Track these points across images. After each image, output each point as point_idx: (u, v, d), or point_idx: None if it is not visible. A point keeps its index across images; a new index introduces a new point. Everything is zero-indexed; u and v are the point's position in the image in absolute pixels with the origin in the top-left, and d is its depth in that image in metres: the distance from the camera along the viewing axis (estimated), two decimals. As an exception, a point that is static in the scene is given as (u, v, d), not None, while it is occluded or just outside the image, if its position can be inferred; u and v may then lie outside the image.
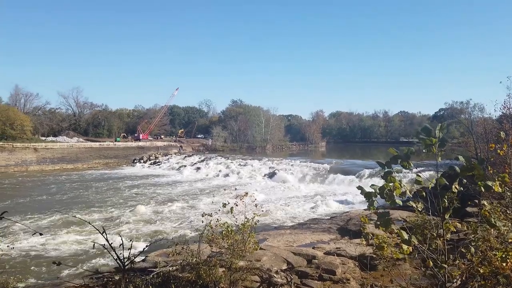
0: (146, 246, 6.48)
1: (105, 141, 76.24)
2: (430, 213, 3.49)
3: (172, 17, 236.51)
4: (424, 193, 2.96)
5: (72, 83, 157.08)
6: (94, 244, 5.20)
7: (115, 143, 74.84)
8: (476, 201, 13.13)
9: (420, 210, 3.13)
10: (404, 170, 2.95)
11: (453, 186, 2.72)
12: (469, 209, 13.87)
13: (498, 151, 5.01)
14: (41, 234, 4.11)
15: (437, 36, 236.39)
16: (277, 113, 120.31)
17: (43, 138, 72.46)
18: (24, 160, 53.84)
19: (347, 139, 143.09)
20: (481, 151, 18.72)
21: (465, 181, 2.99)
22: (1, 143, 55.17)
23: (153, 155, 68.35)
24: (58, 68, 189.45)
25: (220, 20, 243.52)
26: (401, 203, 2.72)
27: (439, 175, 3.06)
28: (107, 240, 3.28)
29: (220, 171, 48.29)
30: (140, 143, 78.47)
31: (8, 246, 5.62)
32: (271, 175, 43.23)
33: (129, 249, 5.58)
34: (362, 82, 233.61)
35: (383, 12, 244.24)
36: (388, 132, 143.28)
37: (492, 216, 3.02)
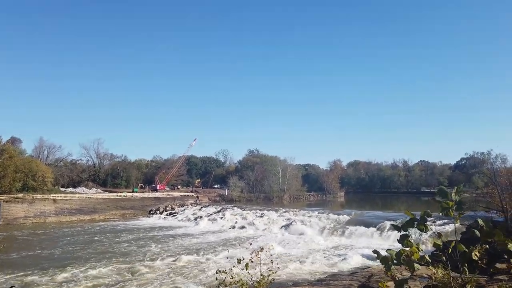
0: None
1: (122, 192, 76.86)
2: (453, 270, 3.29)
3: (189, 68, 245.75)
4: (444, 257, 2.79)
5: (94, 135, 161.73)
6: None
7: (132, 194, 75.25)
8: (506, 256, 12.41)
9: (441, 273, 2.93)
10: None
11: (473, 254, 2.56)
12: (498, 265, 13.06)
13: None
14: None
15: (456, 86, 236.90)
16: (294, 162, 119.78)
17: (63, 189, 73.51)
18: (43, 212, 54.39)
19: (366, 189, 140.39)
20: (506, 203, 18.02)
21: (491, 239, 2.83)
22: (22, 194, 56.15)
23: (170, 206, 68.29)
24: (81, 120, 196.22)
25: (237, 73, 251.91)
26: (420, 268, 2.56)
27: (459, 234, 2.88)
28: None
29: (236, 222, 47.59)
30: (157, 194, 78.69)
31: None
32: (288, 227, 42.22)
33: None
34: (380, 131, 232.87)
35: (400, 65, 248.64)
36: (408, 182, 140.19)
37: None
